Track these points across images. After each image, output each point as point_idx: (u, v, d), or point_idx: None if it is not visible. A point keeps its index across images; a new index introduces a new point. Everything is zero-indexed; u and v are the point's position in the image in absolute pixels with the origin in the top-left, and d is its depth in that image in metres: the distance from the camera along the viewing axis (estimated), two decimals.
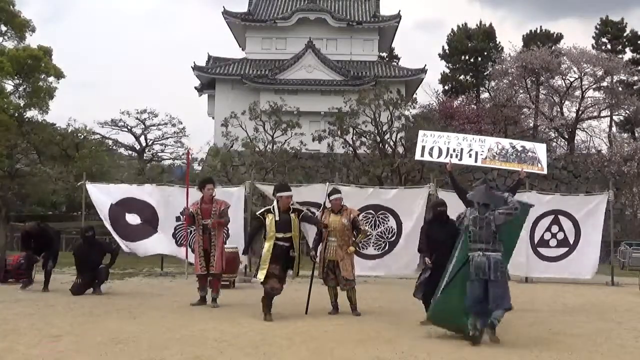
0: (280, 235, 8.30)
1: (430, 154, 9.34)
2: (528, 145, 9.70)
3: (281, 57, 43.51)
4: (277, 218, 8.33)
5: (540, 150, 9.58)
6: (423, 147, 9.57)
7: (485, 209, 7.15)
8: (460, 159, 9.48)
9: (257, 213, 8.61)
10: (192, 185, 12.45)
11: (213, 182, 10.27)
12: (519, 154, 9.47)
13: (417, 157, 9.56)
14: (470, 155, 9.45)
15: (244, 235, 14.17)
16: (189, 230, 12.40)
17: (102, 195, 14.85)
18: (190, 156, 15.77)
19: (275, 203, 8.47)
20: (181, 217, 13.63)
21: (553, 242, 15.10)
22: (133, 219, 14.48)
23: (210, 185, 9.94)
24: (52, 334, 7.10)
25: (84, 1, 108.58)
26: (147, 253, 14.72)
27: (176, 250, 14.48)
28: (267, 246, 8.31)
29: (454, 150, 9.53)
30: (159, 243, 14.52)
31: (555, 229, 15.12)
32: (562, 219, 15.09)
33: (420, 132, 9.89)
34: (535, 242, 15.04)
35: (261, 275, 8.27)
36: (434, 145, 9.58)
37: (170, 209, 14.37)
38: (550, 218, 15.08)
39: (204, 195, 9.87)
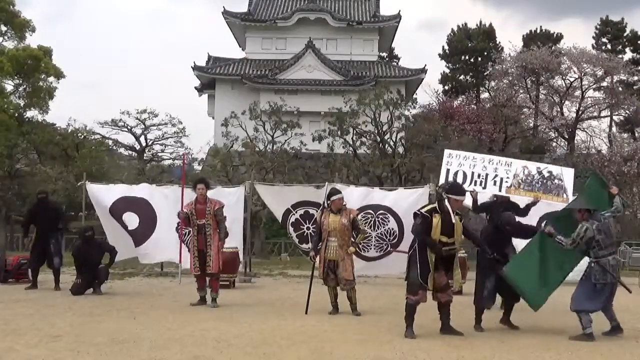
0: (444, 239, 7.36)
1: (455, 179, 8.96)
2: (555, 170, 9.22)
3: (281, 57, 43.52)
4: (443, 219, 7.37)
5: (567, 176, 9.14)
6: (448, 171, 9.21)
7: (594, 214, 7.42)
8: (485, 187, 9.15)
9: (424, 211, 7.46)
10: (188, 187, 12.39)
11: (205, 182, 10.19)
12: (544, 181, 9.10)
13: (442, 181, 9.13)
14: (494, 183, 9.12)
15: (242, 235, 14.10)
16: (185, 232, 12.36)
17: (102, 197, 14.79)
18: (186, 159, 15.65)
19: (446, 203, 7.37)
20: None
21: None
22: (131, 220, 14.33)
23: (201, 185, 9.91)
24: (52, 334, 7.11)
25: (84, 1, 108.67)
26: (130, 256, 14.62)
27: (171, 256, 14.38)
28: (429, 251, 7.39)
29: (479, 176, 9.13)
30: (152, 251, 14.44)
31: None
32: None
33: (446, 152, 9.46)
34: None
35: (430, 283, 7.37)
36: (459, 169, 9.19)
37: (173, 207, 14.26)
38: None
39: (197, 196, 9.89)
